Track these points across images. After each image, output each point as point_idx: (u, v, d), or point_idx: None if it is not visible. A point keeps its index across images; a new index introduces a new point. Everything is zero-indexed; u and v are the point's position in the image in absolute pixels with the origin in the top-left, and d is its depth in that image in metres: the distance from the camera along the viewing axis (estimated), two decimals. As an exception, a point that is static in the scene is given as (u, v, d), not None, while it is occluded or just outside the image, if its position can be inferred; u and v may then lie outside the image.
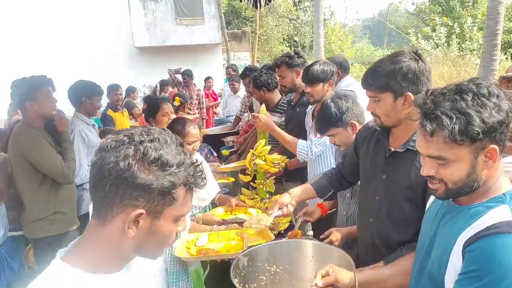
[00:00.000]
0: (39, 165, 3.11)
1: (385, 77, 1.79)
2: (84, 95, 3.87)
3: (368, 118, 2.25)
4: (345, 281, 1.67)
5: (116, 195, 1.00)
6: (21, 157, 3.10)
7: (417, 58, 1.82)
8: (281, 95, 4.18)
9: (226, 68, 9.12)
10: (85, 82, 3.96)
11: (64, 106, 6.16)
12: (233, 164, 3.96)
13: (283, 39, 25.02)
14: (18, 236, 3.59)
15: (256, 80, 4.03)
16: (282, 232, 3.03)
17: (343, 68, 4.36)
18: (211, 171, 3.31)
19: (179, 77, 8.54)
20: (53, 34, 10.68)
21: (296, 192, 2.40)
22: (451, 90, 1.25)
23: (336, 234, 2.50)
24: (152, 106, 3.69)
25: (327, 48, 25.52)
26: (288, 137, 3.24)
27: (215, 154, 5.67)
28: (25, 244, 3.71)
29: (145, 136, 1.04)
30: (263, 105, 3.42)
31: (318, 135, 3.07)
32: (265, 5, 5.65)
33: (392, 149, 1.94)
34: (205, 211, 3.14)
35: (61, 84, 3.71)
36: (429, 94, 1.28)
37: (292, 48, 25.31)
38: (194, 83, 8.53)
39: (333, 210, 2.88)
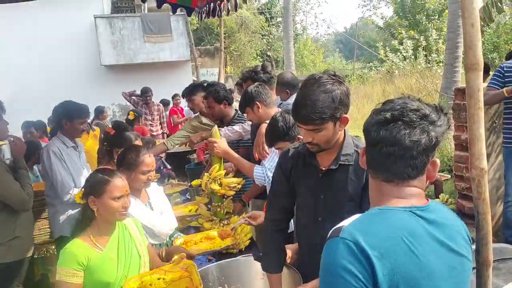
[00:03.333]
0: None
1: (327, 108, 1.78)
2: (64, 117, 3.67)
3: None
4: None
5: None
6: None
7: (341, 80, 1.86)
8: (236, 110, 4.19)
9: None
10: (67, 103, 3.74)
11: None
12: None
13: (256, 54, 25.27)
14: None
15: (216, 94, 4.01)
16: (243, 249, 3.02)
17: (290, 86, 4.33)
18: (167, 199, 3.07)
19: (135, 98, 8.51)
20: (18, 54, 10.52)
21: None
22: None
23: (288, 252, 2.48)
24: (123, 139, 3.23)
25: (300, 62, 25.87)
26: (245, 162, 3.20)
27: (169, 166, 5.70)
28: None
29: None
30: (215, 127, 3.37)
31: (269, 151, 3.07)
32: (228, 15, 5.67)
33: (324, 168, 1.96)
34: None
35: (26, 105, 3.61)
36: None
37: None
38: (153, 101, 8.51)
39: None
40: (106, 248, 2.19)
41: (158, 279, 2.23)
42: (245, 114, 3.74)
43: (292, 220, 2.94)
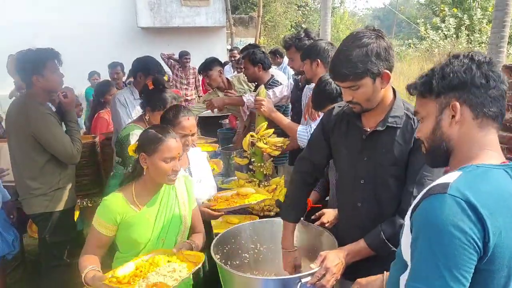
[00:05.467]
0: (48, 145, 3.04)
1: (361, 63, 1.73)
2: (140, 70, 3.77)
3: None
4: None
5: None
6: (29, 135, 3.01)
7: (380, 34, 1.79)
8: (272, 75, 4.16)
9: (230, 51, 9.04)
10: (147, 59, 3.82)
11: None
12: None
13: (291, 26, 24.79)
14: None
15: (253, 56, 4.00)
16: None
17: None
18: (209, 166, 2.95)
19: (173, 61, 8.51)
20: (53, 12, 10.59)
21: (289, 243, 2.21)
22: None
23: (327, 216, 2.46)
24: (157, 99, 3.00)
25: (335, 36, 25.23)
26: (289, 122, 3.17)
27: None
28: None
29: None
30: (263, 87, 3.34)
31: (317, 116, 3.00)
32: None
33: (369, 130, 1.90)
34: None
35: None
36: None
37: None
38: (189, 65, 8.51)
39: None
40: (144, 208, 2.14)
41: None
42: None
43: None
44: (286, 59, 6.01)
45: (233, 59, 7.69)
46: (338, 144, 2.06)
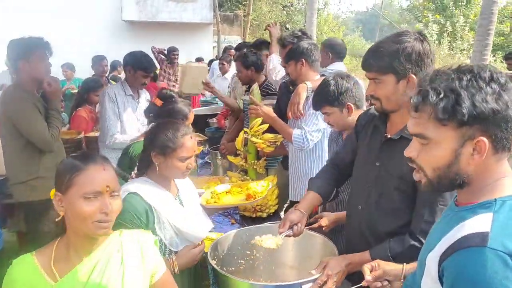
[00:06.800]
0: (23, 129, 3.04)
1: (388, 58, 1.70)
2: (129, 65, 3.70)
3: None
4: (392, 273, 1.60)
5: None
6: (7, 119, 3.04)
7: (421, 38, 1.74)
8: (265, 77, 4.13)
9: (228, 49, 8.89)
10: (138, 54, 3.74)
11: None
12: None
13: (275, 25, 24.79)
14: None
15: (245, 58, 3.97)
16: (272, 214, 3.06)
17: (335, 52, 4.24)
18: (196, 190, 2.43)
19: (162, 56, 8.39)
20: (38, 2, 10.35)
21: (304, 206, 2.09)
22: (453, 70, 1.15)
23: (325, 219, 2.43)
24: (174, 113, 2.62)
25: (319, 38, 25.34)
26: (285, 125, 3.11)
27: None
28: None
29: None
30: (256, 86, 3.29)
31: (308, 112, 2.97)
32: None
33: (388, 136, 1.87)
34: None
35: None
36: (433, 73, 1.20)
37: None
38: (177, 62, 8.41)
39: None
40: (64, 279, 1.42)
41: None
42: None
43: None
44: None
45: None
46: (361, 145, 2.05)
